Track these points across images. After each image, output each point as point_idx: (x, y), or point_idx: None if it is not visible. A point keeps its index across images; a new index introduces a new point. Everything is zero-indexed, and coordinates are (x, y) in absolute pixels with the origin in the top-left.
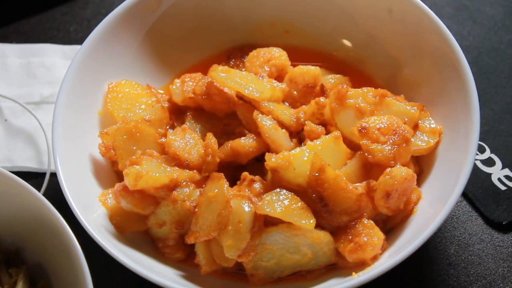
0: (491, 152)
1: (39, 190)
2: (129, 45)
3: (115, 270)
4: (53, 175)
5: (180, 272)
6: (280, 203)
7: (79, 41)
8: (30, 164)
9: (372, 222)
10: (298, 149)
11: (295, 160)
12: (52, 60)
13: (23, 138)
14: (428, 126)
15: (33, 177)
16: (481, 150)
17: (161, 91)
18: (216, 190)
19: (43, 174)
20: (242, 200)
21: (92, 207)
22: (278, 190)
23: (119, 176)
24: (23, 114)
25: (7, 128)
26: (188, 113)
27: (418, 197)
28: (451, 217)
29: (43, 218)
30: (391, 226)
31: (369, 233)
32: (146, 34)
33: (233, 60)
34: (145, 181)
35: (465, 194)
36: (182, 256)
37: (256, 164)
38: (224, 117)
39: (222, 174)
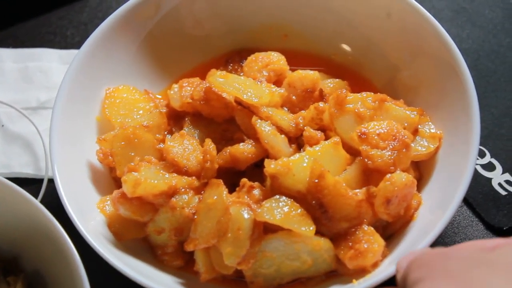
0: (491, 157)
1: (36, 196)
2: (126, 50)
3: (113, 278)
4: (51, 181)
5: (179, 279)
6: (280, 210)
7: (76, 45)
8: (27, 170)
9: (372, 228)
10: (297, 155)
11: (294, 166)
12: (49, 64)
13: (20, 144)
14: (428, 131)
15: (30, 184)
16: (481, 154)
17: (159, 96)
18: (215, 197)
19: (41, 180)
20: (241, 207)
21: (90, 214)
22: (277, 196)
23: (117, 183)
24: (20, 119)
25: (3, 133)
26: (186, 119)
27: (418, 203)
28: (452, 223)
29: (40, 225)
30: (391, 232)
31: (370, 239)
32: (144, 39)
33: (231, 64)
34: (144, 188)
35: (465, 199)
36: (181, 263)
37: (255, 170)
38: (222, 122)
39: (221, 181)
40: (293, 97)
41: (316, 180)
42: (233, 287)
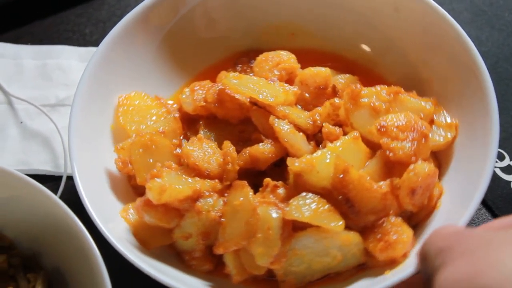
0: (511, 160)
1: (55, 193)
2: (141, 54)
3: (133, 275)
4: (69, 179)
5: (209, 283)
6: (308, 207)
7: (94, 43)
8: (46, 167)
9: (400, 219)
10: (319, 152)
11: (318, 163)
12: (67, 62)
13: (38, 141)
14: (444, 121)
15: (48, 181)
16: (500, 157)
17: (171, 101)
18: (241, 199)
19: (60, 177)
20: (268, 207)
21: (110, 219)
22: (304, 194)
23: (136, 191)
24: (39, 116)
25: (22, 130)
26: (200, 122)
27: (440, 191)
28: (471, 225)
29: (60, 222)
30: (415, 222)
31: (398, 230)
32: (159, 44)
33: (239, 65)
34: (169, 194)
35: (484, 202)
36: (211, 267)
37: (275, 169)
38: (237, 123)
39: (246, 182)
40: (306, 94)
41: (341, 176)
42: (265, 287)
